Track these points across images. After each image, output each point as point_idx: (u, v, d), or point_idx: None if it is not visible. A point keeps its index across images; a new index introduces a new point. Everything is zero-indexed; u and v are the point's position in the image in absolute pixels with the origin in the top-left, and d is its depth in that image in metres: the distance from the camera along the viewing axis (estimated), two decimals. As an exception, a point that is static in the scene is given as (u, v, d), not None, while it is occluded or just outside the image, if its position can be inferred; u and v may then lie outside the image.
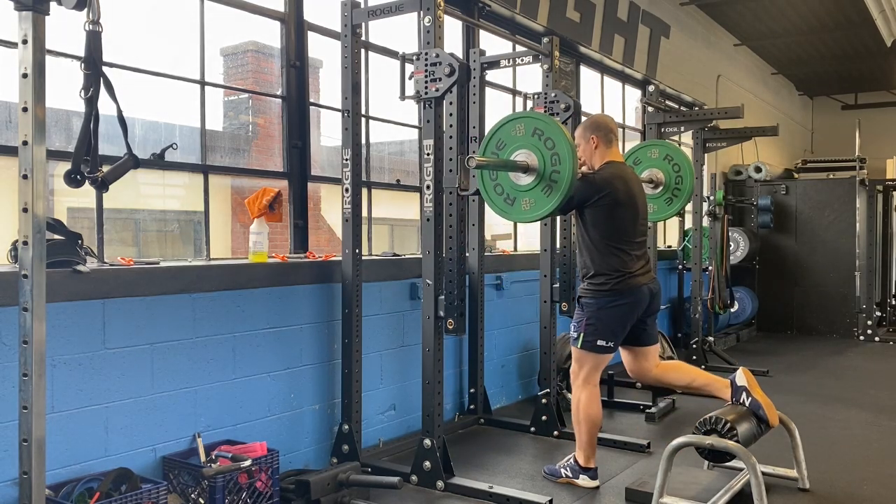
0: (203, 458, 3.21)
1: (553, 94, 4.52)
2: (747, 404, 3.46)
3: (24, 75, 2.03)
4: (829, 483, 3.75)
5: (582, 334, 3.62)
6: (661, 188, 5.12)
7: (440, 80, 3.46)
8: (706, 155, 7.18)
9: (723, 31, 9.91)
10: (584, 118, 4.17)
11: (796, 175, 11.32)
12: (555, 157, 3.34)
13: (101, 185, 2.45)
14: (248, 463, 3.08)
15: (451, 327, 3.63)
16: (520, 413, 5.05)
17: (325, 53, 4.58)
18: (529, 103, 4.63)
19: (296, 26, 4.29)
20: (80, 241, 2.96)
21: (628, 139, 8.35)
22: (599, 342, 3.60)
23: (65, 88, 2.82)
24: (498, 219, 6.42)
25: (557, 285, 4.65)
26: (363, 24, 3.95)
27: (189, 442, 3.29)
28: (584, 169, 3.71)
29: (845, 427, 4.89)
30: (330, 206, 4.76)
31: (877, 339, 8.85)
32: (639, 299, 3.62)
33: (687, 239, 7.62)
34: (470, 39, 5.64)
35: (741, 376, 3.56)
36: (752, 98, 10.85)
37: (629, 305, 3.60)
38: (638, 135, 8.37)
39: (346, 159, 3.82)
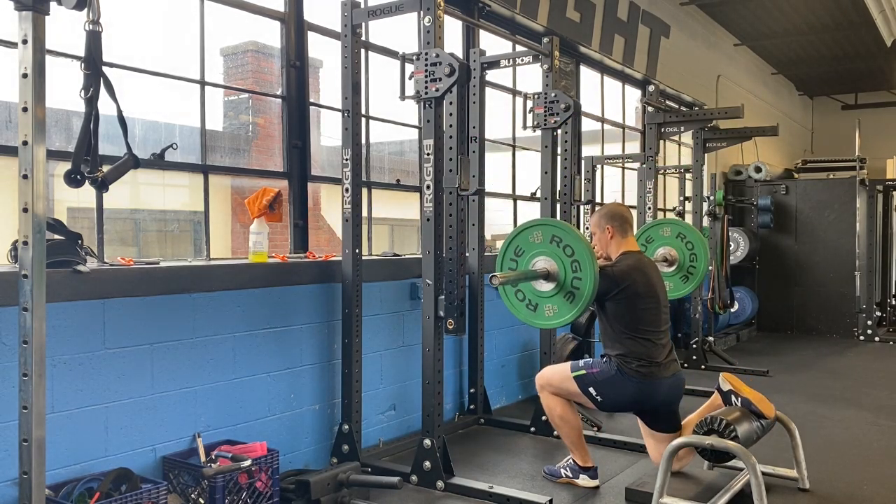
0: (203, 458, 3.21)
1: (553, 94, 4.52)
2: (739, 404, 3.47)
3: (24, 75, 2.03)
4: (829, 483, 3.75)
5: (585, 373, 3.59)
6: (675, 266, 5.17)
7: (440, 80, 3.46)
8: (706, 155, 7.18)
9: (723, 31, 9.91)
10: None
11: (796, 175, 11.32)
12: (574, 264, 3.39)
13: (101, 185, 2.45)
14: (248, 463, 3.08)
15: (451, 327, 3.63)
16: (520, 413, 5.05)
17: (325, 53, 4.58)
18: (529, 103, 4.62)
19: (296, 26, 4.29)
20: (80, 241, 2.96)
21: (628, 139, 8.35)
22: (591, 391, 3.57)
23: (65, 88, 2.82)
24: (498, 219, 6.44)
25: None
26: (363, 24, 3.95)
27: (189, 442, 3.29)
28: (600, 262, 3.67)
29: (845, 427, 4.89)
30: (330, 206, 4.76)
31: (877, 339, 8.85)
32: (657, 391, 3.55)
33: (687, 239, 7.60)
34: (470, 39, 5.64)
35: (724, 381, 3.58)
36: (752, 98, 10.85)
37: (643, 393, 3.53)
38: (638, 135, 8.37)
39: (346, 159, 3.82)
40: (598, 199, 7.30)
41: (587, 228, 4.15)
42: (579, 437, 3.73)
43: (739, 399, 3.48)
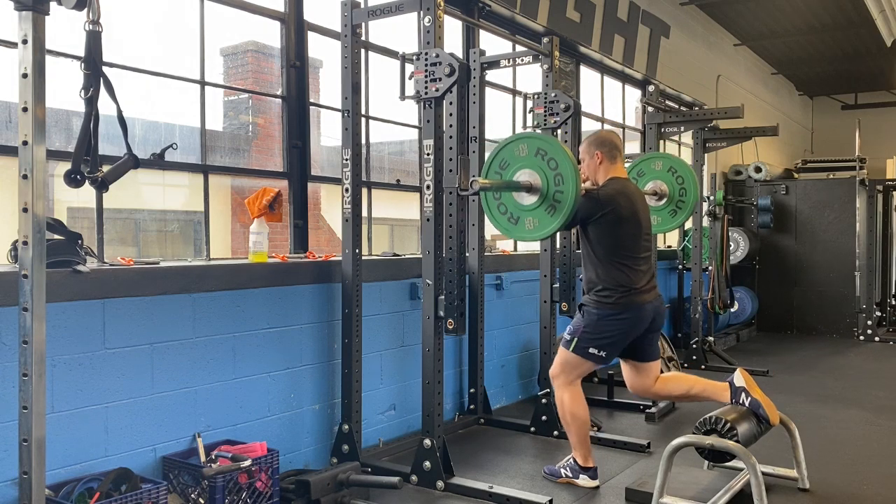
0: (203, 458, 3.21)
1: (553, 94, 4.52)
2: (747, 404, 3.46)
3: (24, 75, 2.03)
4: (829, 483, 3.75)
5: (576, 339, 3.62)
6: (664, 200, 5.15)
7: (440, 80, 3.46)
8: (706, 155, 7.18)
9: (723, 31, 9.91)
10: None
11: (796, 175, 11.32)
12: (558, 178, 3.37)
13: (101, 185, 2.45)
14: (248, 463, 3.08)
15: (451, 327, 3.63)
16: (520, 413, 5.05)
17: (325, 53, 4.58)
18: (529, 103, 4.62)
19: (296, 26, 4.29)
20: (80, 241, 2.96)
21: (628, 139, 8.35)
22: (591, 350, 3.59)
23: (65, 88, 2.82)
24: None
25: (557, 285, 4.65)
26: (363, 24, 3.95)
27: (189, 442, 3.29)
28: (587, 185, 3.72)
29: (845, 427, 4.89)
30: (330, 206, 4.76)
31: (877, 339, 8.85)
32: (642, 316, 3.60)
33: (687, 239, 7.62)
34: (470, 39, 5.64)
35: (739, 377, 3.56)
36: (752, 98, 10.85)
37: (631, 321, 3.58)
38: (638, 135, 8.37)
39: (346, 159, 3.82)
40: (598, 199, 7.29)
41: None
42: (585, 435, 3.72)
43: (749, 399, 3.47)
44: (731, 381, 3.57)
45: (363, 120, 4.38)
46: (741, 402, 3.48)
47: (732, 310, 8.41)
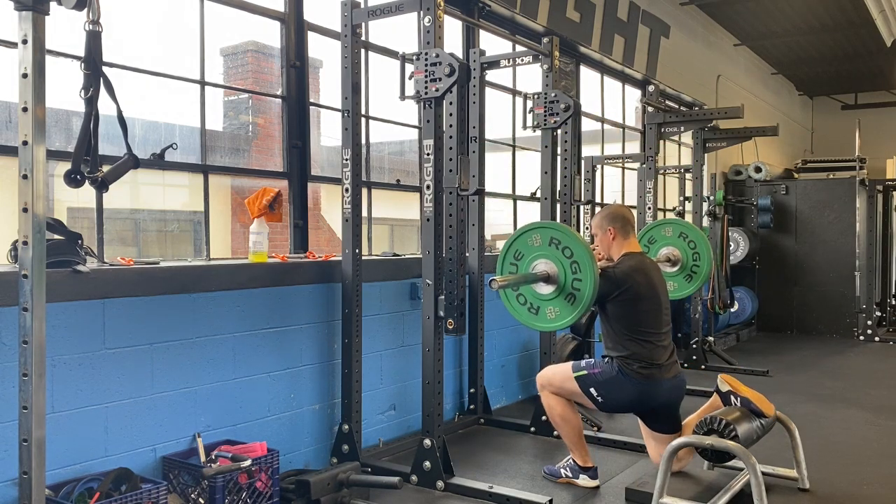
0: (203, 458, 3.21)
1: (553, 94, 4.52)
2: (738, 404, 3.47)
3: (24, 75, 2.04)
4: (829, 483, 3.75)
5: (587, 373, 3.59)
6: (678, 266, 5.16)
7: (440, 80, 3.46)
8: (706, 155, 7.18)
9: (723, 31, 9.91)
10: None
11: (796, 175, 11.32)
12: (574, 266, 3.38)
13: (101, 185, 2.45)
14: (248, 463, 3.08)
15: (451, 327, 3.63)
16: (520, 413, 5.05)
17: (325, 53, 4.58)
18: (529, 103, 4.62)
19: (296, 26, 4.29)
20: (80, 241, 2.96)
21: (628, 139, 8.36)
22: (592, 391, 3.57)
23: (65, 88, 2.82)
24: (498, 219, 6.44)
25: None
26: (363, 24, 3.95)
27: (189, 442, 3.29)
28: (602, 263, 3.68)
29: (845, 427, 4.89)
30: (330, 206, 4.76)
31: (877, 339, 8.85)
32: (656, 392, 3.55)
33: (687, 239, 7.60)
34: (470, 39, 5.64)
35: (722, 383, 3.58)
36: (752, 98, 10.85)
37: (645, 393, 3.53)
38: (638, 135, 8.37)
39: (346, 159, 3.82)
40: (598, 199, 7.30)
41: (587, 228, 4.16)
42: (579, 436, 3.73)
43: (739, 399, 3.49)
44: (717, 388, 3.60)
45: (363, 120, 4.38)
46: (732, 403, 3.49)
47: (732, 310, 8.41)
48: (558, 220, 4.63)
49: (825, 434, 4.69)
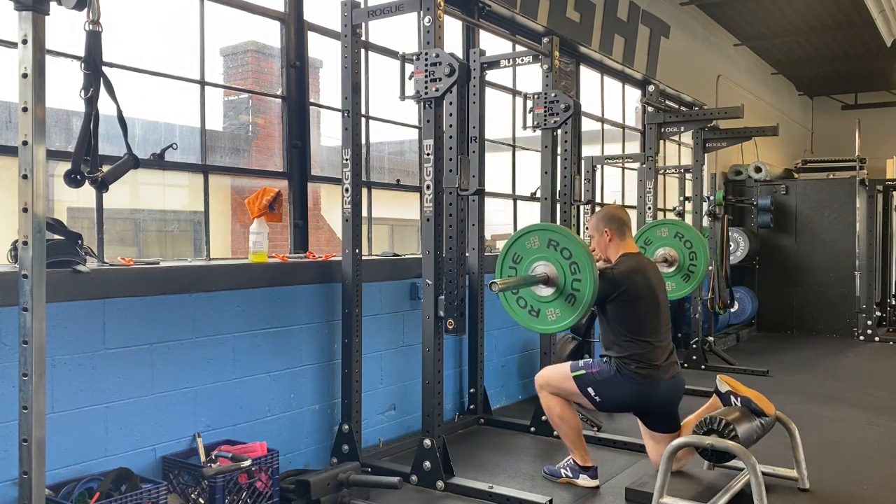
0: (203, 458, 3.21)
1: (553, 94, 4.52)
2: (739, 403, 3.47)
3: (24, 75, 2.03)
4: (829, 483, 3.75)
5: (585, 372, 3.60)
6: (675, 267, 5.17)
7: (440, 80, 3.46)
8: (706, 155, 7.18)
9: (723, 31, 9.91)
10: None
11: (796, 175, 11.32)
12: (573, 267, 3.38)
13: (101, 185, 2.45)
14: (248, 463, 3.08)
15: (451, 327, 3.63)
16: (520, 413, 5.05)
17: (325, 53, 4.58)
18: (529, 103, 4.62)
19: (296, 26, 4.29)
20: (80, 241, 2.96)
21: (628, 139, 8.35)
22: (590, 390, 3.58)
23: (65, 88, 2.82)
24: (498, 219, 6.44)
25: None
26: (363, 24, 3.95)
27: (189, 442, 3.29)
28: (600, 264, 3.67)
29: (845, 427, 4.89)
30: (330, 206, 4.76)
31: (877, 339, 8.85)
32: (654, 392, 3.55)
33: (687, 239, 7.60)
34: (470, 39, 5.64)
35: (721, 383, 3.59)
36: (752, 98, 10.85)
37: (643, 393, 3.53)
38: (638, 135, 8.37)
39: (346, 159, 3.82)
40: (598, 199, 7.30)
41: (587, 229, 4.15)
42: (578, 436, 3.73)
43: (739, 399, 3.48)
44: (717, 389, 3.60)
45: (363, 120, 4.38)
46: (732, 404, 3.49)
47: (732, 310, 8.41)
48: (558, 220, 4.62)
49: (825, 434, 4.69)
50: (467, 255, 4.75)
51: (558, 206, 4.65)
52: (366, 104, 4.62)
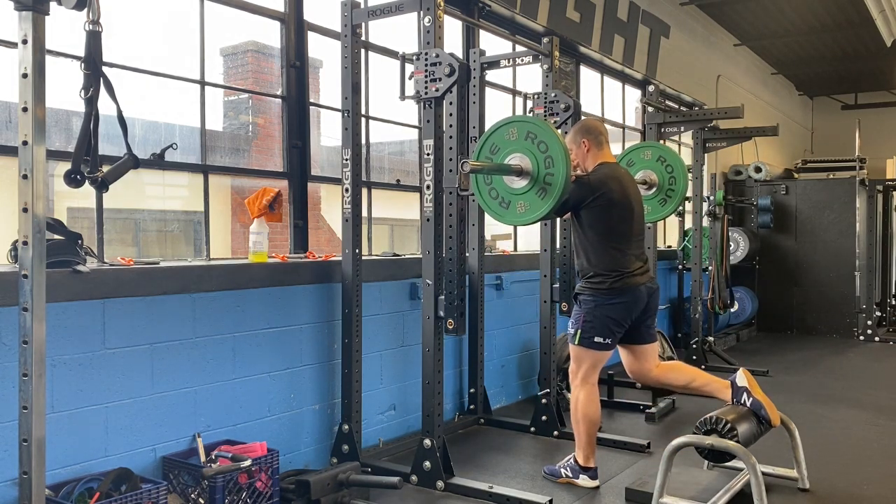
0: (203, 458, 3.21)
1: (553, 94, 4.52)
2: (748, 405, 3.46)
3: (24, 75, 2.03)
4: (829, 483, 3.75)
5: (579, 331, 3.64)
6: (654, 189, 5.15)
7: (440, 80, 3.46)
8: (706, 155, 7.18)
9: (723, 31, 9.91)
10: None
11: (796, 175, 11.32)
12: (548, 160, 3.35)
13: (101, 185, 2.45)
14: (248, 463, 3.08)
15: (451, 327, 3.63)
16: (520, 413, 5.05)
17: (325, 53, 4.58)
18: (529, 103, 4.62)
19: (296, 26, 4.29)
20: (80, 241, 2.96)
21: (628, 139, 8.35)
22: (597, 339, 3.61)
23: (65, 88, 2.82)
24: (498, 219, 6.43)
25: (557, 285, 4.65)
26: (363, 24, 3.95)
27: (189, 442, 3.29)
28: (577, 172, 3.73)
29: (845, 427, 4.89)
30: (330, 206, 4.76)
31: (877, 339, 8.85)
32: (636, 298, 3.63)
33: (687, 239, 7.62)
34: (470, 39, 5.64)
35: (741, 377, 3.56)
36: (752, 98, 10.85)
37: (626, 304, 3.61)
38: (638, 135, 8.37)
39: (346, 159, 3.82)
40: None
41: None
42: (594, 435, 3.73)
43: (751, 400, 3.46)
44: (734, 380, 3.57)
45: (363, 120, 4.38)
46: (742, 402, 3.48)
47: (732, 310, 8.41)
48: (557, 220, 4.62)
49: (825, 434, 4.69)
50: (467, 255, 4.75)
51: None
52: (366, 104, 4.62)
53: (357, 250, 3.84)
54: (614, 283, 3.57)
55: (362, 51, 4.00)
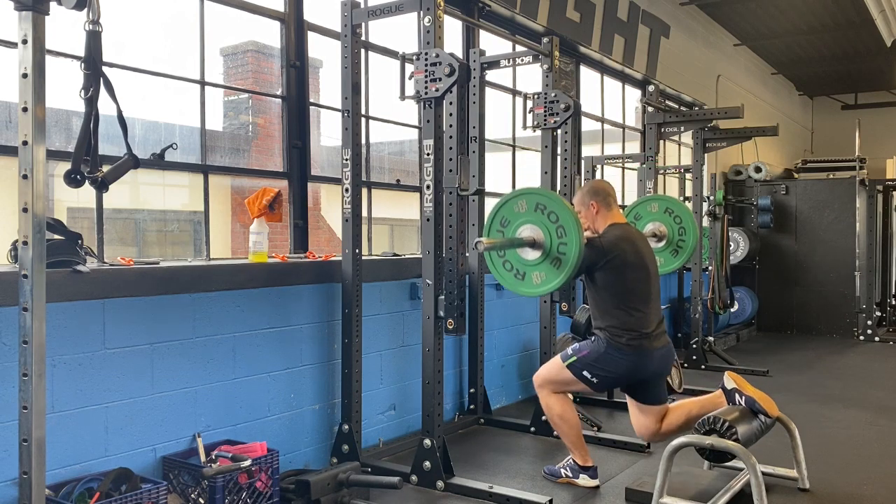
0: (203, 458, 3.21)
1: (553, 94, 4.52)
2: (743, 403, 3.47)
3: (24, 75, 2.03)
4: (829, 483, 3.75)
5: (576, 359, 3.60)
6: (664, 241, 5.18)
7: (440, 80, 3.46)
8: (706, 155, 7.18)
9: (723, 31, 9.91)
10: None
11: (796, 175, 11.32)
12: (560, 230, 3.37)
13: (101, 185, 2.45)
14: (248, 463, 3.08)
15: (451, 327, 3.63)
16: (520, 413, 5.05)
17: (325, 53, 4.58)
18: (529, 103, 4.62)
19: (296, 26, 4.29)
20: (80, 241, 2.96)
21: (628, 139, 8.35)
22: (585, 373, 3.58)
23: (65, 88, 2.82)
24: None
25: (557, 285, 4.64)
26: (363, 24, 3.95)
27: (189, 442, 3.29)
28: (588, 234, 3.69)
29: (845, 427, 4.89)
30: (330, 206, 4.76)
31: (877, 339, 8.85)
32: (648, 362, 3.56)
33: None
34: (470, 39, 5.64)
35: (728, 380, 3.58)
36: (752, 98, 10.85)
37: (635, 364, 3.54)
38: (638, 135, 8.37)
39: (346, 159, 3.82)
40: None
41: (573, 206, 4.13)
42: (578, 436, 3.73)
43: (744, 398, 3.48)
44: (723, 385, 3.59)
45: (363, 120, 4.38)
46: (737, 402, 3.49)
47: (732, 310, 8.41)
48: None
49: (825, 434, 4.69)
50: (467, 255, 4.75)
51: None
52: (366, 104, 4.62)
53: (357, 250, 3.84)
54: (631, 341, 3.51)
55: (362, 51, 3.99)
